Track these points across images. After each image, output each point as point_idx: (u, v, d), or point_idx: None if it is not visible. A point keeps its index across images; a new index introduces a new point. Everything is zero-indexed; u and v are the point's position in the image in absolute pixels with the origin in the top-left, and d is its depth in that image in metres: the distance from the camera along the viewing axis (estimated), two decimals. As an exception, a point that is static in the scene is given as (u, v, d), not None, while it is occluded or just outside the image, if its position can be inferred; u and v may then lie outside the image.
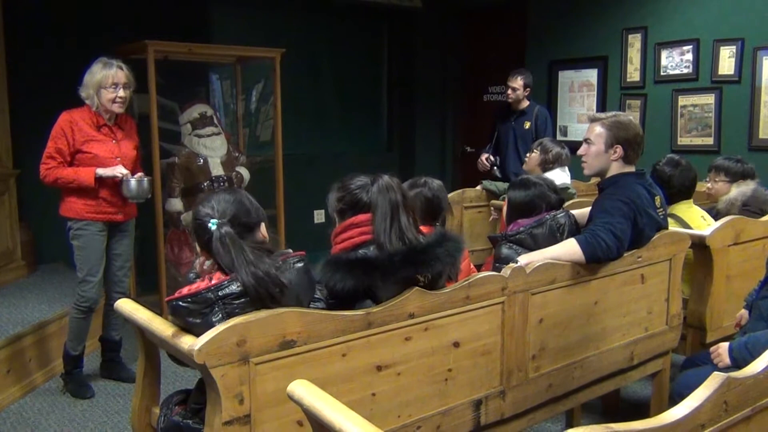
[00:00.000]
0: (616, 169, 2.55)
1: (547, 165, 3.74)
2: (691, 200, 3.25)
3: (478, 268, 2.91)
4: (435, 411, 2.01)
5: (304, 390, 1.37)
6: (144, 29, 4.40)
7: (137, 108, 4.52)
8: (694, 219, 3.16)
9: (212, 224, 1.72)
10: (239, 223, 1.77)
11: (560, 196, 2.60)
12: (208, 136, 4.53)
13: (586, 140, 2.57)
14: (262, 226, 1.87)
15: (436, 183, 2.62)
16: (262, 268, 1.68)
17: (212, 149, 4.53)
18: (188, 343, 1.64)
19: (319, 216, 5.91)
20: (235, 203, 1.81)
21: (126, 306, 1.98)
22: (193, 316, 1.66)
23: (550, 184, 2.58)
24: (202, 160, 4.49)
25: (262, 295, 1.67)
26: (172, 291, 4.36)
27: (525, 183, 2.57)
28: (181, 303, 1.67)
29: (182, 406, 1.81)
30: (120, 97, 3.27)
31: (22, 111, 4.46)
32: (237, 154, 4.75)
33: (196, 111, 4.58)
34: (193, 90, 4.99)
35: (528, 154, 3.94)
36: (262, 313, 1.68)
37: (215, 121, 4.64)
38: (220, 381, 1.63)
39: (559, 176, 3.66)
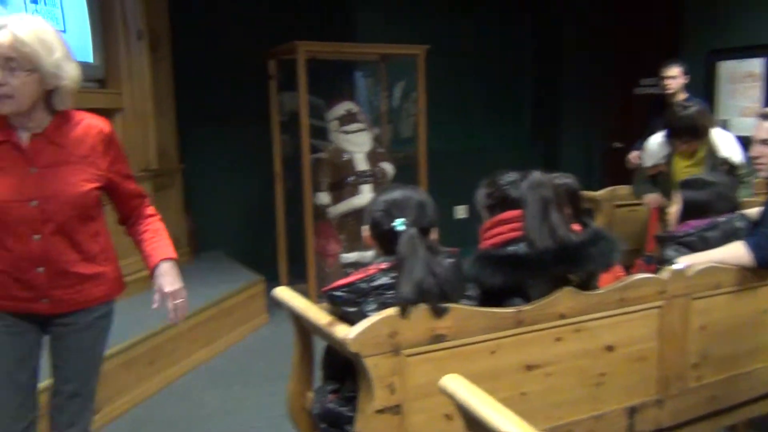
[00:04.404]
0: None
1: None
2: None
3: (627, 269, 2.77)
4: (587, 415, 1.95)
5: (457, 385, 1.38)
6: (293, 31, 4.59)
7: (287, 105, 4.76)
8: None
9: (399, 225, 1.77)
10: (421, 225, 1.80)
11: (736, 198, 2.43)
12: (354, 132, 4.67)
13: (764, 141, 2.35)
14: (436, 230, 1.90)
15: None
16: (438, 271, 1.71)
17: (358, 145, 4.67)
18: (343, 332, 1.70)
19: (460, 212, 5.90)
20: (421, 205, 1.85)
21: (283, 294, 2.09)
22: (348, 305, 1.73)
23: (727, 185, 2.42)
24: (348, 156, 4.63)
25: (428, 298, 1.70)
26: (319, 281, 4.55)
27: (700, 182, 2.42)
28: (337, 293, 1.75)
29: (335, 394, 1.88)
30: None
31: (185, 110, 4.82)
32: (381, 150, 4.86)
33: (342, 108, 4.73)
34: (339, 88, 5.16)
35: None
36: (414, 307, 1.72)
37: (360, 117, 4.77)
38: (372, 370, 1.68)
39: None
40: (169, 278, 1.96)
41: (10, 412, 1.84)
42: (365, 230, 1.92)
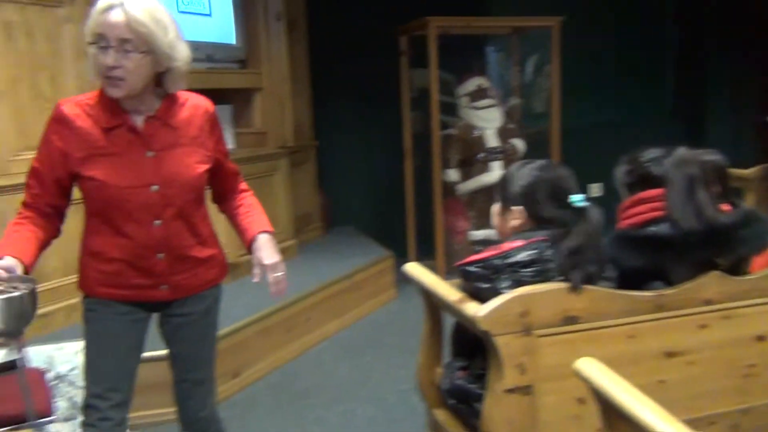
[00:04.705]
0: None
1: None
2: None
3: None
4: (732, 408, 1.84)
5: (593, 369, 1.34)
6: (425, 6, 4.55)
7: (418, 81, 4.77)
8: None
9: (579, 201, 1.75)
10: None
11: None
12: (485, 108, 4.61)
13: None
14: None
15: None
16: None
17: (488, 121, 4.61)
18: (473, 309, 1.70)
19: (594, 190, 5.68)
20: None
21: (414, 270, 2.11)
22: (481, 281, 1.73)
23: None
24: (478, 132, 4.58)
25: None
26: (447, 258, 4.57)
27: None
28: (471, 268, 1.75)
29: (464, 371, 1.89)
30: (108, 66, 1.64)
31: (320, 88, 4.96)
32: (512, 126, 4.76)
33: (473, 84, 4.68)
34: (469, 63, 5.09)
35: None
36: (546, 286, 1.68)
37: (491, 93, 4.69)
38: (503, 349, 1.67)
39: None
40: (267, 251, 1.89)
41: (117, 393, 1.82)
42: (498, 207, 1.90)
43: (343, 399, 3.13)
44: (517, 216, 1.83)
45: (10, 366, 2.08)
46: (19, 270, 1.60)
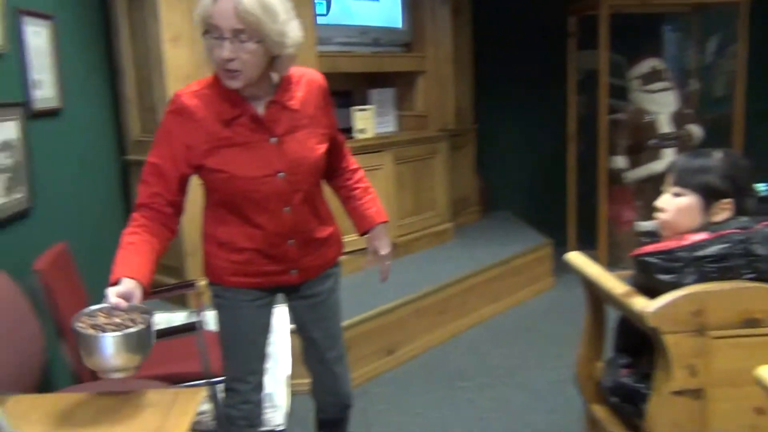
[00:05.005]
0: None
1: None
2: None
3: None
4: None
5: (778, 378, 1.23)
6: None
7: (585, 64, 4.58)
8: None
9: (765, 190, 1.67)
10: None
11: None
12: (658, 91, 4.35)
13: None
14: None
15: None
16: None
17: (662, 105, 4.34)
18: (641, 304, 1.62)
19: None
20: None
21: (576, 259, 2.04)
22: (662, 273, 1.63)
23: None
24: (650, 117, 4.32)
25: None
26: (609, 248, 4.38)
27: None
28: (651, 259, 1.66)
29: (628, 368, 1.80)
30: (225, 59, 1.59)
31: (482, 71, 4.92)
32: (688, 111, 4.43)
33: (646, 65, 4.42)
34: (643, 43, 4.80)
35: None
36: (727, 284, 1.56)
37: (666, 75, 4.40)
38: (672, 348, 1.58)
39: None
40: (384, 241, 1.96)
41: (255, 375, 1.89)
42: (683, 199, 1.77)
43: (495, 384, 3.11)
44: (725, 207, 1.71)
45: (190, 327, 2.26)
46: (137, 293, 1.52)
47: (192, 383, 2.27)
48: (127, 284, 1.50)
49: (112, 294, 1.46)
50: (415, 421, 2.80)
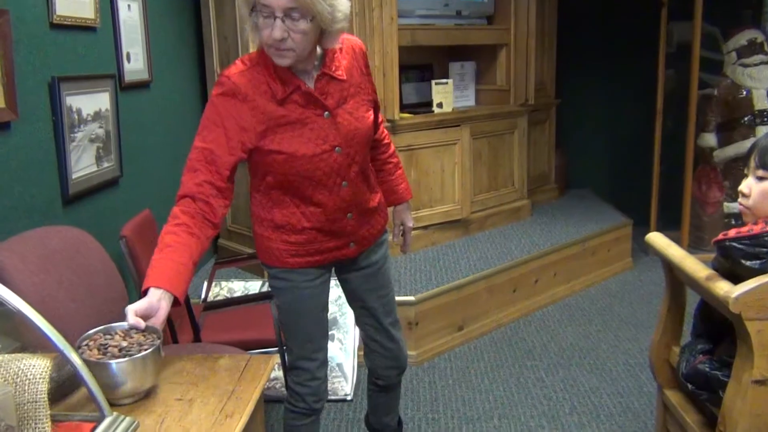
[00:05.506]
0: None
1: None
2: None
3: None
4: None
5: None
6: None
7: (677, 36, 4.36)
8: None
9: None
10: None
11: None
12: (756, 65, 4.10)
13: None
14: None
15: None
16: None
17: (759, 80, 4.11)
18: (725, 289, 1.54)
19: None
20: None
21: (658, 240, 1.97)
22: (748, 259, 1.55)
23: None
24: (745, 92, 4.09)
25: None
26: (692, 230, 4.22)
27: None
28: (736, 244, 1.57)
29: (706, 355, 1.73)
30: (276, 40, 1.54)
31: (566, 45, 4.76)
32: (789, 87, 4.17)
33: (744, 37, 4.18)
34: (740, 13, 4.52)
35: None
36: None
37: (766, 48, 4.14)
38: (754, 336, 1.50)
39: None
40: (409, 215, 2.11)
41: (320, 351, 1.91)
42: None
43: (565, 365, 3.07)
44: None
45: (267, 296, 2.33)
46: (163, 306, 1.43)
47: (265, 350, 2.35)
48: (152, 298, 1.42)
49: (131, 313, 1.38)
50: (482, 397, 2.80)
